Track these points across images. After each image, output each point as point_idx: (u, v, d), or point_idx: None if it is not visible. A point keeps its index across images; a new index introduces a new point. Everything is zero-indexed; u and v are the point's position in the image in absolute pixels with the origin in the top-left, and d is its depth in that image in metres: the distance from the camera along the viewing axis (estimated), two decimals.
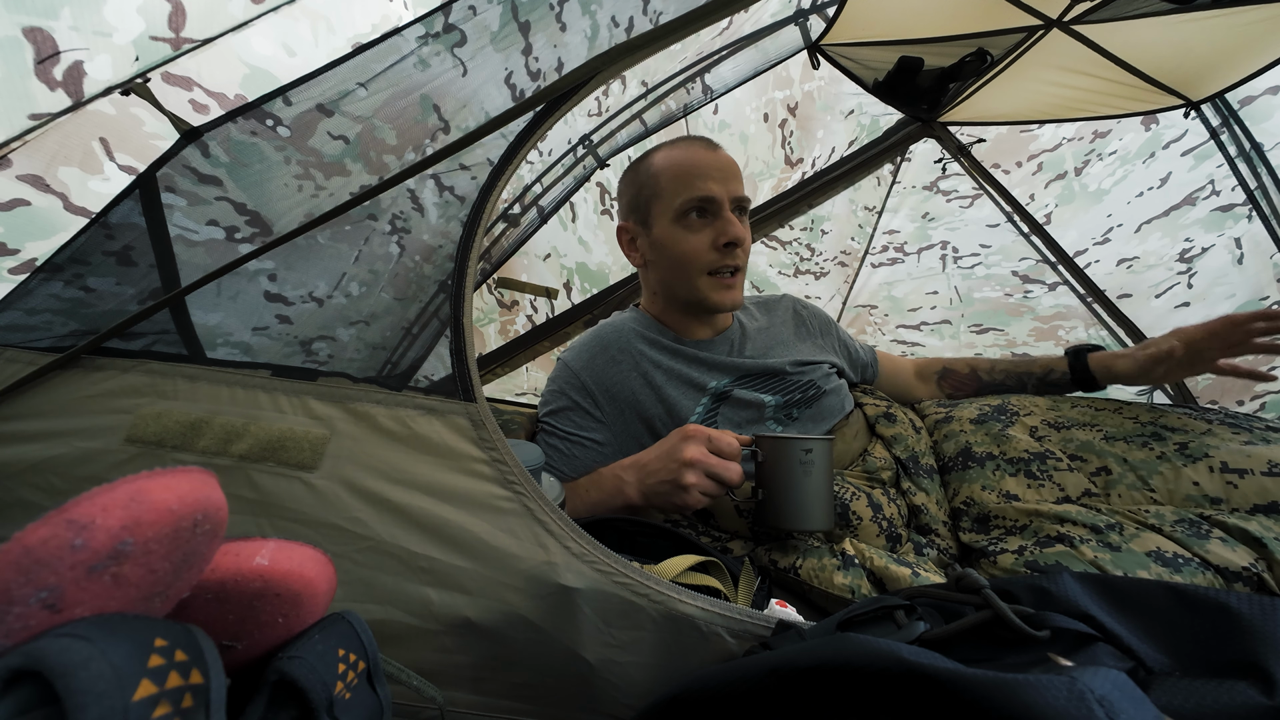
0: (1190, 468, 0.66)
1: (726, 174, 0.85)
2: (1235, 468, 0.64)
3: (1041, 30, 1.30)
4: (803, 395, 0.88)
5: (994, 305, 1.95)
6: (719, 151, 0.88)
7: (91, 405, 0.50)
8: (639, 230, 0.92)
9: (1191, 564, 0.56)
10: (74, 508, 0.20)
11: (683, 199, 0.84)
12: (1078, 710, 0.23)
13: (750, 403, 0.86)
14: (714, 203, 0.83)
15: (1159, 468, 0.68)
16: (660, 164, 0.88)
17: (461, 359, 0.51)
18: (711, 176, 0.83)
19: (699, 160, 0.85)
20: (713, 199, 0.83)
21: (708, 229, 0.84)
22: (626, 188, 0.94)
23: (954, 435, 0.85)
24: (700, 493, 0.64)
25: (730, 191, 0.84)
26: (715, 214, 0.84)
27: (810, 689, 0.31)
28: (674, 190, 0.85)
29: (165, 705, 0.20)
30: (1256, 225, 1.39)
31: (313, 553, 0.29)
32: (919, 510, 0.77)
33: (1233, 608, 0.33)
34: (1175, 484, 0.66)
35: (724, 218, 0.83)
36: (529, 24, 0.58)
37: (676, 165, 0.86)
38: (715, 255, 0.84)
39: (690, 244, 0.84)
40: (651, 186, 0.88)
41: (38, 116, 0.49)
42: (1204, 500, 0.64)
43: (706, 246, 0.84)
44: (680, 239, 0.85)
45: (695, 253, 0.84)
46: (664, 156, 0.89)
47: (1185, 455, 0.67)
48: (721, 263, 0.84)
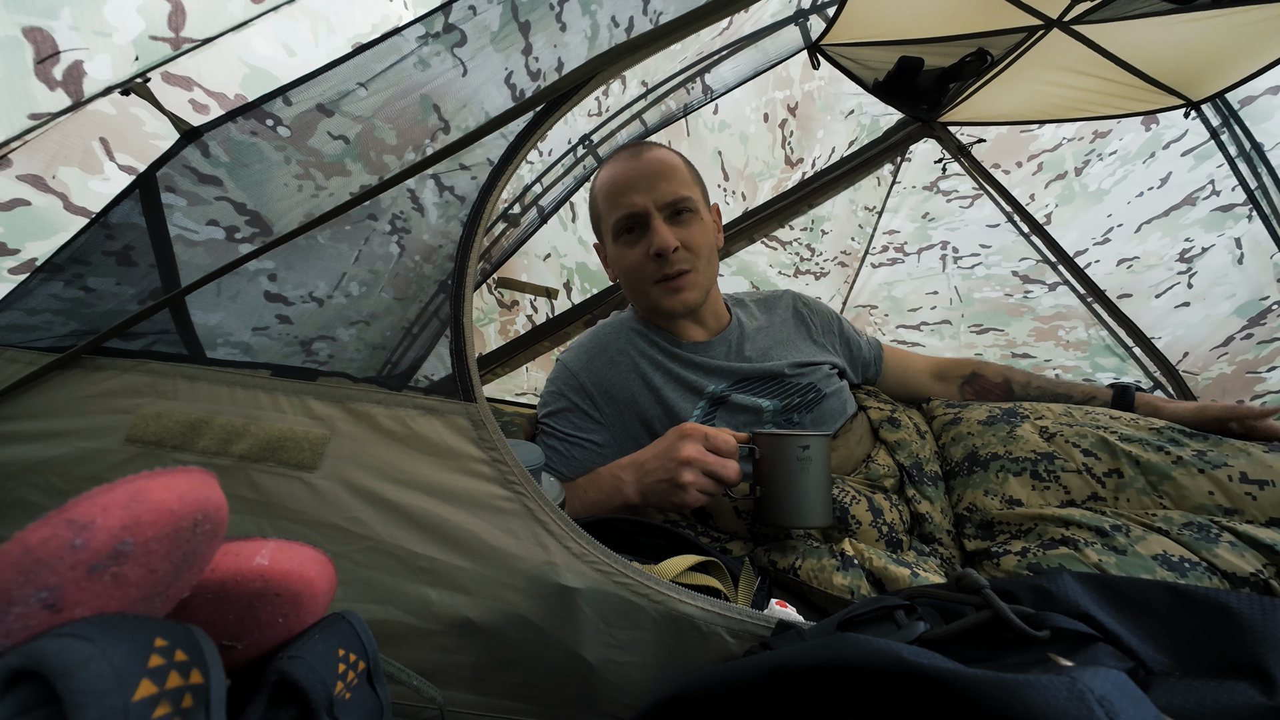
0: (1207, 475, 0.63)
1: (651, 180, 0.83)
2: (1255, 478, 0.60)
3: (1041, 30, 1.30)
4: (802, 399, 0.88)
5: (994, 305, 1.95)
6: (644, 156, 0.87)
7: (91, 405, 0.50)
8: (602, 248, 0.95)
9: (1198, 568, 0.54)
10: (74, 508, 0.20)
11: (613, 219, 0.86)
12: (1078, 710, 0.23)
13: (748, 407, 0.85)
14: (639, 216, 0.84)
15: (1173, 472, 0.64)
16: (598, 185, 0.90)
17: (461, 359, 0.51)
18: (634, 189, 0.83)
19: (623, 174, 0.85)
20: (636, 213, 0.83)
21: (641, 242, 0.85)
22: (589, 210, 0.97)
23: (961, 438, 0.83)
24: (698, 491, 0.64)
25: (657, 199, 0.83)
26: (645, 226, 0.84)
27: (810, 689, 0.31)
28: (607, 210, 0.87)
29: (165, 705, 0.20)
30: (1257, 225, 1.39)
31: (313, 553, 0.29)
32: (923, 519, 0.76)
33: (1233, 608, 0.33)
34: (1189, 491, 0.63)
35: (653, 228, 0.83)
36: (529, 24, 0.58)
37: (606, 184, 0.87)
38: (653, 266, 0.84)
39: (630, 259, 0.86)
40: (596, 208, 0.91)
41: (38, 116, 0.49)
42: (1217, 510, 0.61)
43: (644, 259, 0.85)
44: (623, 256, 0.87)
45: (637, 266, 0.86)
46: (601, 176, 0.90)
47: (1204, 461, 0.64)
48: (661, 271, 0.84)
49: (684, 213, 0.85)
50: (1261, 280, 1.42)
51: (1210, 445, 0.66)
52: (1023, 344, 1.94)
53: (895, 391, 1.07)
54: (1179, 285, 1.56)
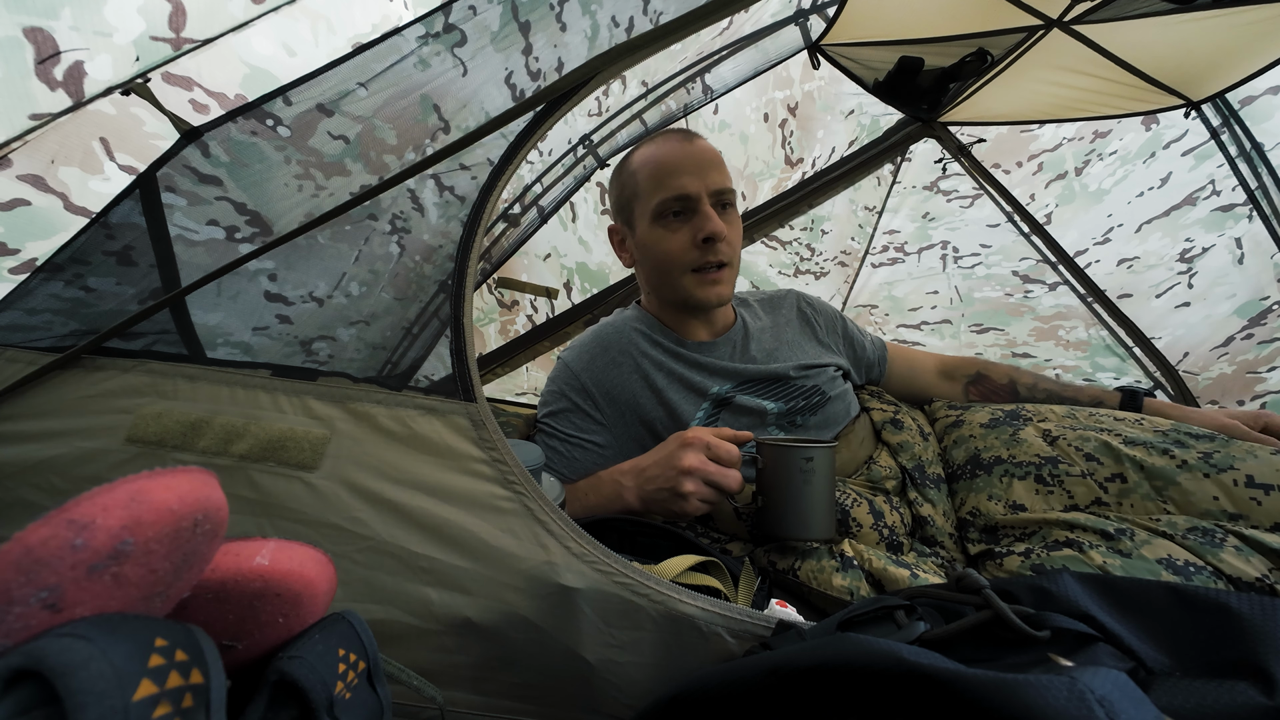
0: (1212, 479, 0.62)
1: (703, 166, 0.82)
2: (1261, 483, 0.59)
3: (1042, 30, 1.30)
4: (806, 402, 0.87)
5: (994, 305, 1.95)
6: (695, 142, 0.85)
7: (92, 405, 0.50)
8: (626, 231, 0.91)
9: (1203, 572, 0.54)
10: (74, 507, 0.20)
11: (659, 198, 0.82)
12: (1078, 710, 0.23)
13: (752, 409, 0.85)
14: (690, 199, 0.81)
15: (1178, 477, 0.63)
16: (638, 163, 0.87)
17: (462, 359, 0.51)
18: (686, 171, 0.81)
19: (673, 155, 0.83)
20: (688, 195, 0.81)
21: (686, 226, 0.82)
22: (612, 189, 0.93)
23: (963, 441, 0.82)
24: (699, 500, 0.64)
25: (708, 185, 0.81)
26: (693, 210, 0.82)
27: (810, 689, 0.31)
28: (651, 189, 0.83)
29: (165, 705, 0.20)
30: (1257, 225, 1.39)
31: (313, 553, 0.29)
32: (925, 521, 0.75)
33: (1233, 608, 0.33)
34: (1194, 496, 0.62)
35: (702, 213, 0.81)
36: (529, 24, 0.58)
37: (652, 163, 0.84)
38: (696, 253, 0.82)
39: (670, 243, 0.83)
40: (632, 187, 0.87)
41: (38, 116, 0.49)
42: (1222, 515, 0.60)
43: (687, 245, 0.82)
44: (660, 239, 0.84)
45: (677, 252, 0.83)
46: (641, 155, 0.87)
47: (1210, 464, 0.63)
48: (703, 259, 0.82)
49: (729, 206, 0.85)
50: (1262, 280, 1.42)
51: (1217, 446, 0.65)
52: (1023, 344, 1.94)
53: (900, 391, 1.05)
54: (1179, 285, 1.55)
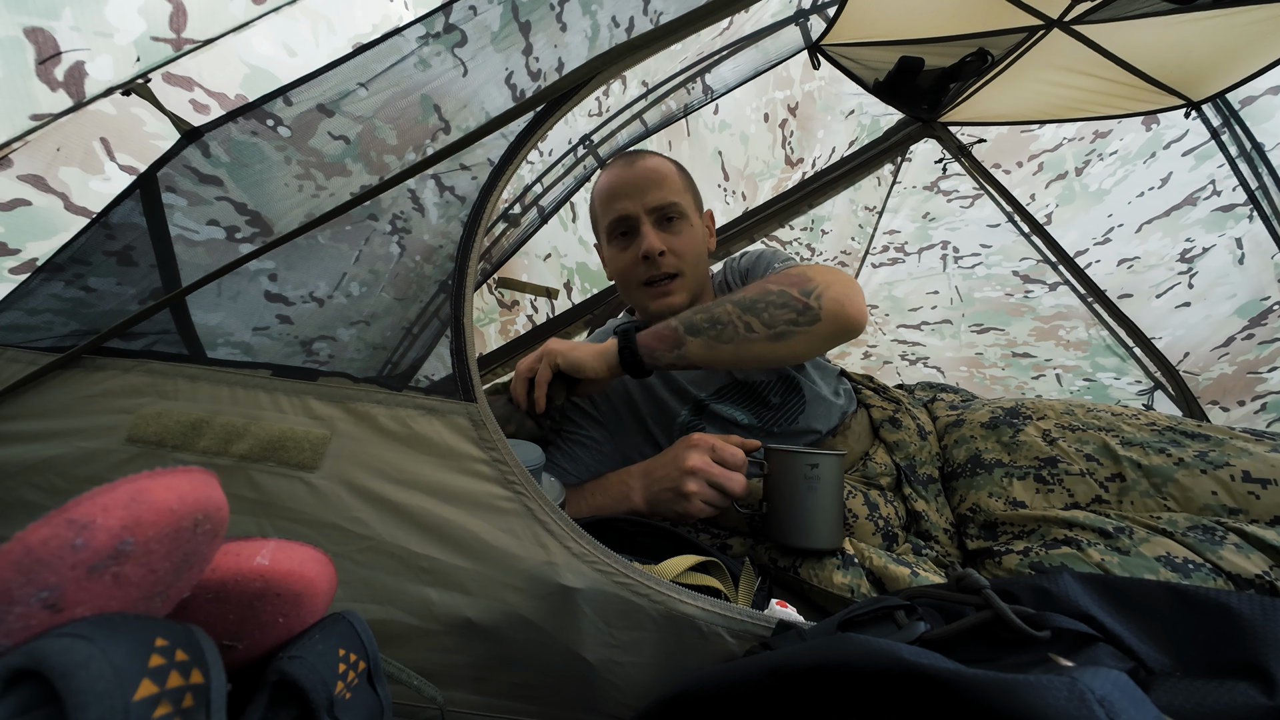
0: (1210, 475, 0.62)
1: (641, 186, 0.87)
2: (1258, 477, 0.60)
3: (1042, 30, 1.30)
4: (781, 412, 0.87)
5: (994, 305, 1.95)
6: (637, 164, 0.90)
7: (92, 405, 0.51)
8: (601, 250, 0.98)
9: (1203, 569, 0.54)
10: (75, 507, 0.20)
11: (607, 222, 0.89)
12: (1078, 710, 0.23)
13: (724, 418, 0.86)
14: (629, 220, 0.87)
15: (1176, 474, 0.64)
16: (596, 190, 0.94)
17: (462, 359, 0.51)
18: (625, 194, 0.87)
19: (616, 180, 0.89)
20: (626, 217, 0.87)
21: (632, 245, 0.88)
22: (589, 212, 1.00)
23: (964, 441, 0.83)
24: (702, 501, 0.64)
25: (646, 204, 0.86)
26: (634, 230, 0.87)
27: (811, 689, 0.31)
28: (602, 214, 0.91)
29: (166, 705, 0.20)
30: (1257, 225, 1.39)
31: (313, 553, 0.29)
32: (919, 516, 0.76)
33: (1234, 608, 0.33)
34: (1193, 492, 0.63)
35: (641, 233, 0.86)
36: (529, 24, 0.58)
37: (602, 190, 0.91)
38: (642, 268, 0.87)
39: (621, 262, 0.90)
40: (594, 211, 0.95)
41: (39, 117, 0.49)
42: (1221, 510, 0.61)
43: (634, 262, 0.87)
44: (615, 258, 0.91)
45: (627, 269, 0.89)
46: (598, 184, 0.94)
47: (1205, 462, 0.64)
48: (649, 274, 0.87)
49: (673, 219, 0.88)
50: (1262, 280, 1.42)
51: (1211, 445, 0.66)
52: (1023, 344, 1.94)
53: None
54: (1180, 285, 1.56)
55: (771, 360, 0.75)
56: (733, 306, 0.73)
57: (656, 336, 0.73)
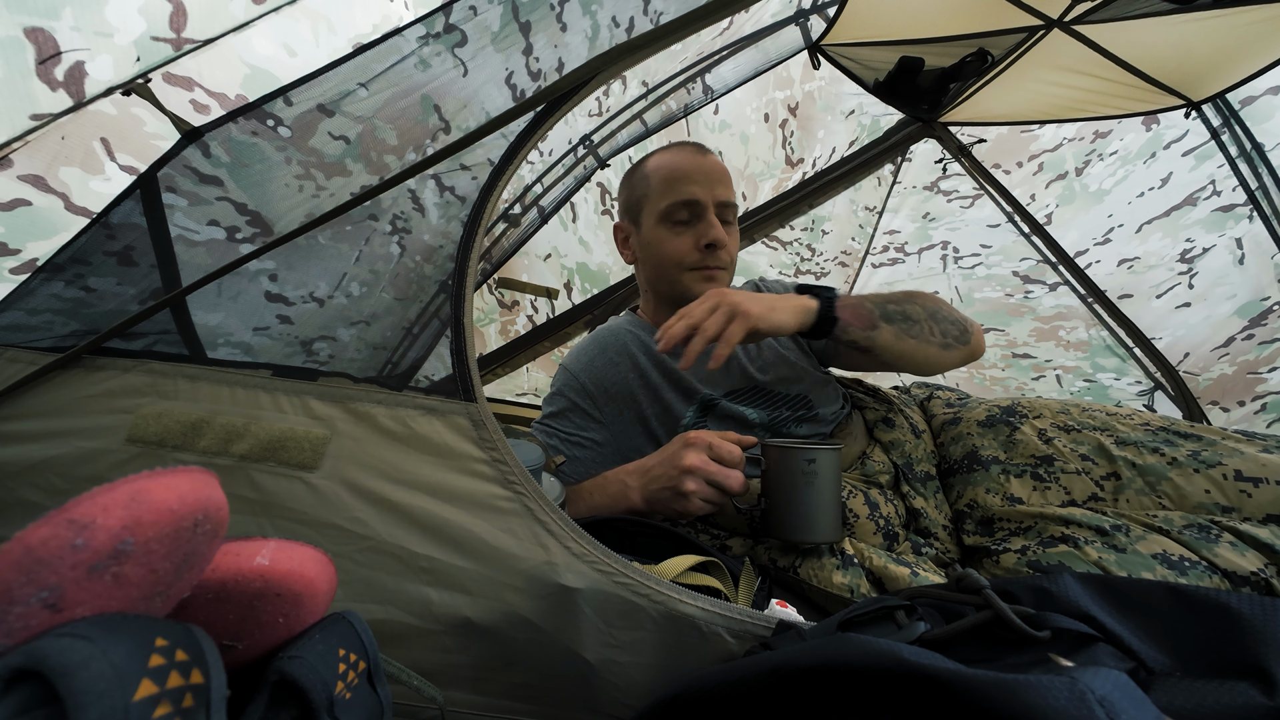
0: (1203, 474, 0.64)
1: (712, 179, 0.88)
2: (1250, 476, 0.61)
3: (1042, 30, 1.30)
4: (792, 412, 0.88)
5: (995, 305, 1.95)
6: (708, 156, 0.91)
7: (92, 405, 0.51)
8: (631, 229, 0.96)
9: (1198, 567, 0.55)
10: (75, 507, 0.20)
11: (668, 201, 0.88)
12: (1078, 710, 0.23)
13: (734, 416, 0.86)
14: (697, 205, 0.87)
15: (1169, 473, 0.66)
16: (652, 167, 0.93)
17: (462, 359, 0.51)
18: (696, 180, 0.87)
19: (686, 164, 0.89)
20: (696, 202, 0.86)
21: (690, 231, 0.87)
22: (624, 188, 0.99)
23: (961, 438, 0.84)
24: (701, 500, 0.64)
25: (715, 196, 0.87)
26: (699, 217, 0.87)
27: (811, 689, 0.31)
28: (661, 192, 0.89)
29: (166, 705, 0.20)
30: (1257, 225, 1.39)
31: (313, 553, 0.29)
32: (918, 514, 0.76)
33: (1234, 608, 0.33)
34: (1187, 491, 0.64)
35: (707, 220, 0.86)
36: (530, 24, 0.58)
37: (665, 169, 0.90)
38: (697, 255, 0.87)
39: (674, 244, 0.88)
40: (643, 188, 0.92)
41: (39, 117, 0.49)
42: (1215, 508, 0.62)
43: (690, 247, 0.87)
44: (665, 239, 0.89)
45: (679, 253, 0.88)
46: (656, 160, 0.93)
47: (1198, 461, 0.65)
48: (703, 263, 0.87)
49: (729, 221, 0.90)
50: (1262, 281, 1.42)
51: (1204, 445, 0.67)
52: (1023, 344, 1.94)
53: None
54: (1180, 286, 1.56)
55: (930, 365, 0.84)
56: (920, 309, 0.81)
57: (853, 312, 0.77)
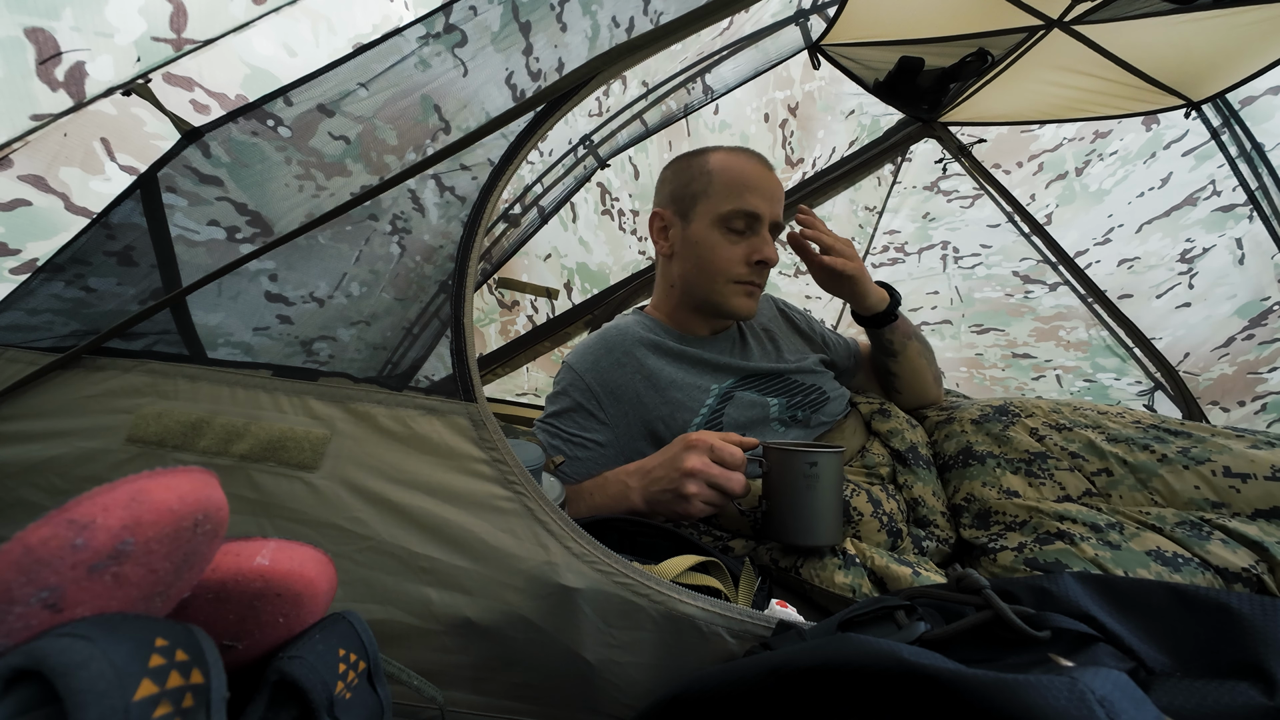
0: (1192, 471, 0.65)
1: (775, 196, 0.88)
2: (1238, 472, 0.63)
3: (1042, 30, 1.30)
4: (805, 398, 0.89)
5: (995, 305, 1.95)
6: (772, 172, 0.90)
7: (92, 405, 0.51)
8: (675, 221, 0.92)
9: (1191, 564, 0.56)
10: (75, 507, 0.20)
11: (730, 206, 0.85)
12: (1078, 710, 0.23)
13: (754, 404, 0.86)
14: (758, 220, 0.85)
15: (1160, 470, 0.67)
16: (716, 165, 0.89)
17: (462, 359, 0.51)
18: (762, 194, 0.86)
19: (754, 175, 0.87)
20: (758, 216, 0.85)
21: (744, 242, 0.86)
22: (674, 176, 0.94)
23: (955, 435, 0.85)
24: (702, 502, 0.64)
25: (774, 214, 0.87)
26: (755, 231, 0.86)
27: (811, 689, 0.31)
28: (724, 195, 0.86)
29: (166, 705, 0.20)
30: (1257, 225, 1.39)
31: (313, 553, 0.29)
32: (917, 502, 0.77)
33: (1234, 608, 0.33)
34: (1177, 487, 0.65)
35: (763, 236, 0.86)
36: (530, 24, 0.58)
37: (732, 171, 0.87)
38: (745, 269, 0.86)
39: (725, 252, 0.86)
40: (702, 183, 0.88)
41: (39, 117, 0.49)
42: (1205, 504, 0.63)
43: (740, 259, 0.86)
44: (716, 243, 0.87)
45: (727, 262, 0.86)
46: (722, 159, 0.89)
47: (1188, 458, 0.66)
48: (749, 277, 0.86)
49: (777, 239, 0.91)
50: (1262, 281, 1.42)
51: (1194, 442, 0.68)
52: (1023, 344, 1.94)
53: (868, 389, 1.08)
54: (1180, 286, 1.55)
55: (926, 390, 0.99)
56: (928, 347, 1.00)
57: (902, 319, 0.94)
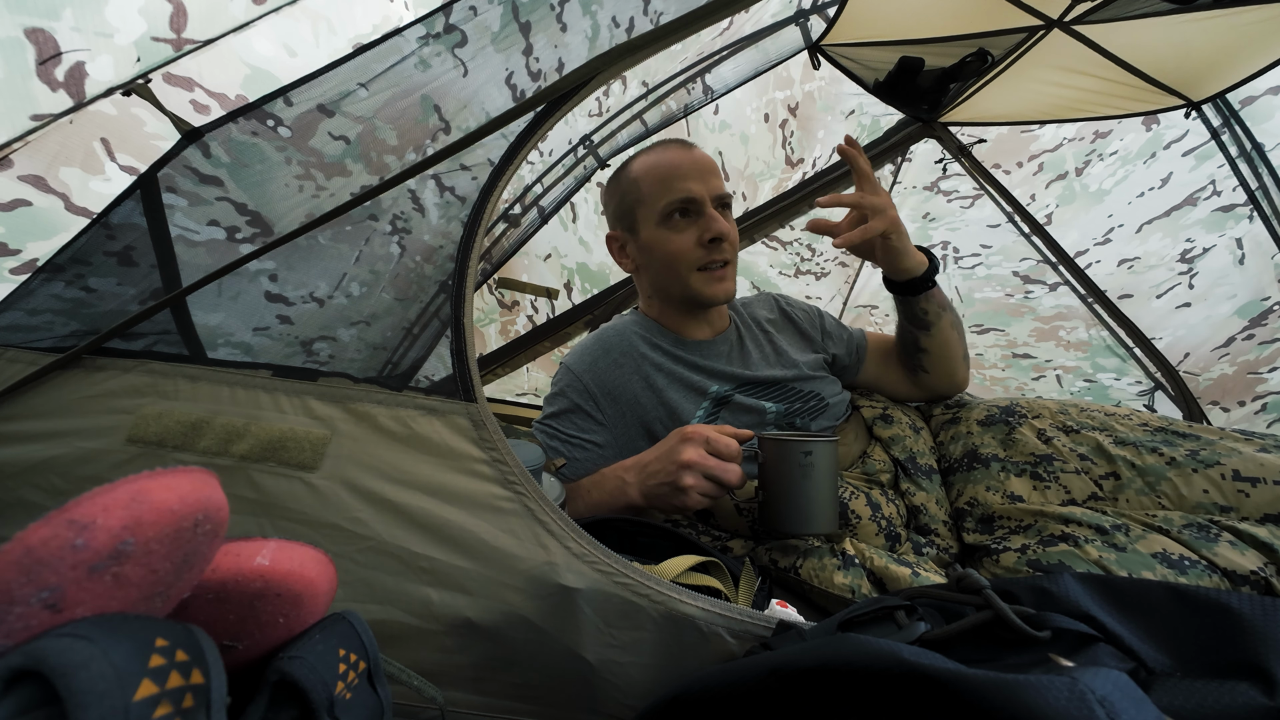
0: (1201, 474, 0.64)
1: (704, 172, 0.87)
2: (1247, 475, 0.62)
3: (1042, 30, 1.30)
4: (804, 404, 0.89)
5: (995, 305, 1.95)
6: (695, 150, 0.90)
7: (92, 405, 0.51)
8: (627, 237, 0.94)
9: (1198, 566, 0.55)
10: (75, 507, 0.20)
11: (665, 201, 0.86)
12: (1079, 711, 0.23)
13: (752, 409, 0.86)
14: (695, 202, 0.85)
15: (1168, 473, 0.66)
16: (639, 170, 0.90)
17: (462, 359, 0.51)
18: (690, 176, 0.85)
19: (677, 161, 0.87)
20: (694, 198, 0.85)
21: (692, 228, 0.86)
22: (610, 197, 0.96)
23: (960, 437, 0.84)
24: (699, 494, 0.64)
25: (710, 189, 0.86)
26: (698, 212, 0.86)
27: (811, 689, 0.31)
28: (656, 194, 0.87)
29: (166, 705, 0.20)
30: (1257, 225, 1.39)
31: (313, 553, 0.29)
32: (918, 510, 0.77)
33: (1234, 608, 0.33)
34: (1185, 490, 0.64)
35: (707, 214, 0.85)
36: (530, 24, 0.58)
37: (655, 169, 0.88)
38: (702, 252, 0.86)
39: (677, 244, 0.86)
40: (634, 193, 0.90)
41: (39, 117, 0.49)
42: (1214, 508, 0.62)
43: (692, 244, 0.86)
44: (667, 240, 0.87)
45: (682, 252, 0.86)
46: (642, 162, 0.91)
47: (1197, 461, 0.65)
48: (709, 258, 0.86)
49: (727, 209, 0.89)
50: (1262, 281, 1.42)
51: (1202, 445, 0.67)
52: (1023, 344, 1.94)
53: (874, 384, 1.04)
54: (1180, 286, 1.55)
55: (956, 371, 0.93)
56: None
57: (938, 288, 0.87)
